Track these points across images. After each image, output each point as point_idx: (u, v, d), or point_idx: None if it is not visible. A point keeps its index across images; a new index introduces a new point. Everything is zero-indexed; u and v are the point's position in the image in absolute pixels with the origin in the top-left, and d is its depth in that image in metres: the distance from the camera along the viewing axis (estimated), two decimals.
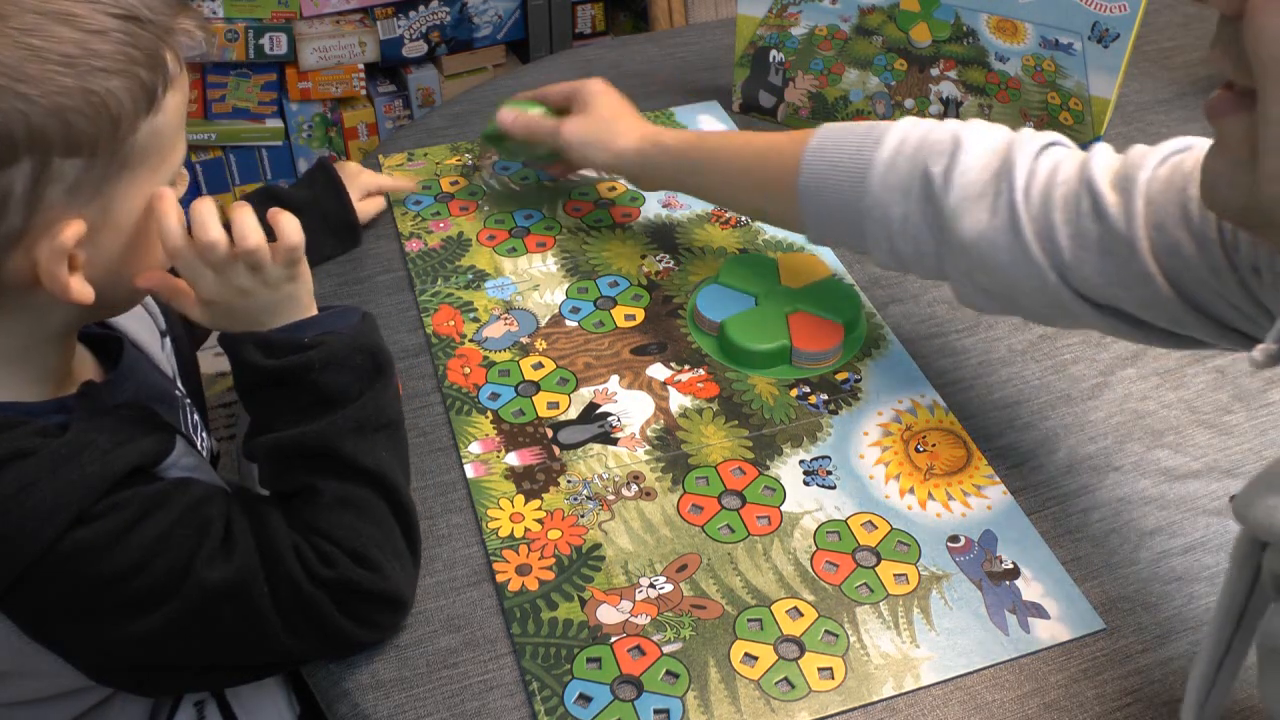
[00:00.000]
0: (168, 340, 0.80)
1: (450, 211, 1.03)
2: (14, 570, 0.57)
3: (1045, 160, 0.72)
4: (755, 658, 0.68)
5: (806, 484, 0.79)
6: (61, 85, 0.53)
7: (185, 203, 0.63)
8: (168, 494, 0.62)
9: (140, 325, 0.77)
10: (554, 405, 0.84)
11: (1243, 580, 0.54)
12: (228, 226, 0.63)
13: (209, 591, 0.60)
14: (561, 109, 0.98)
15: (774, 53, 1.13)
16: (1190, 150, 0.68)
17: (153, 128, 0.58)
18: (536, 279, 0.96)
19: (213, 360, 0.91)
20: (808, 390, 0.86)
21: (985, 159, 0.73)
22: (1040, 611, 0.71)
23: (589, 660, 0.68)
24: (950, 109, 1.09)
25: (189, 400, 0.79)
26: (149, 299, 0.77)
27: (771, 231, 1.01)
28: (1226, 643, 0.55)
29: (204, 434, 0.81)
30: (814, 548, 0.75)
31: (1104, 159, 0.70)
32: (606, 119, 0.94)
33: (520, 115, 0.98)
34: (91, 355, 0.72)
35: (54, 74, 0.53)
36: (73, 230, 0.56)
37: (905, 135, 0.77)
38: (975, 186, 0.73)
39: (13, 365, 0.63)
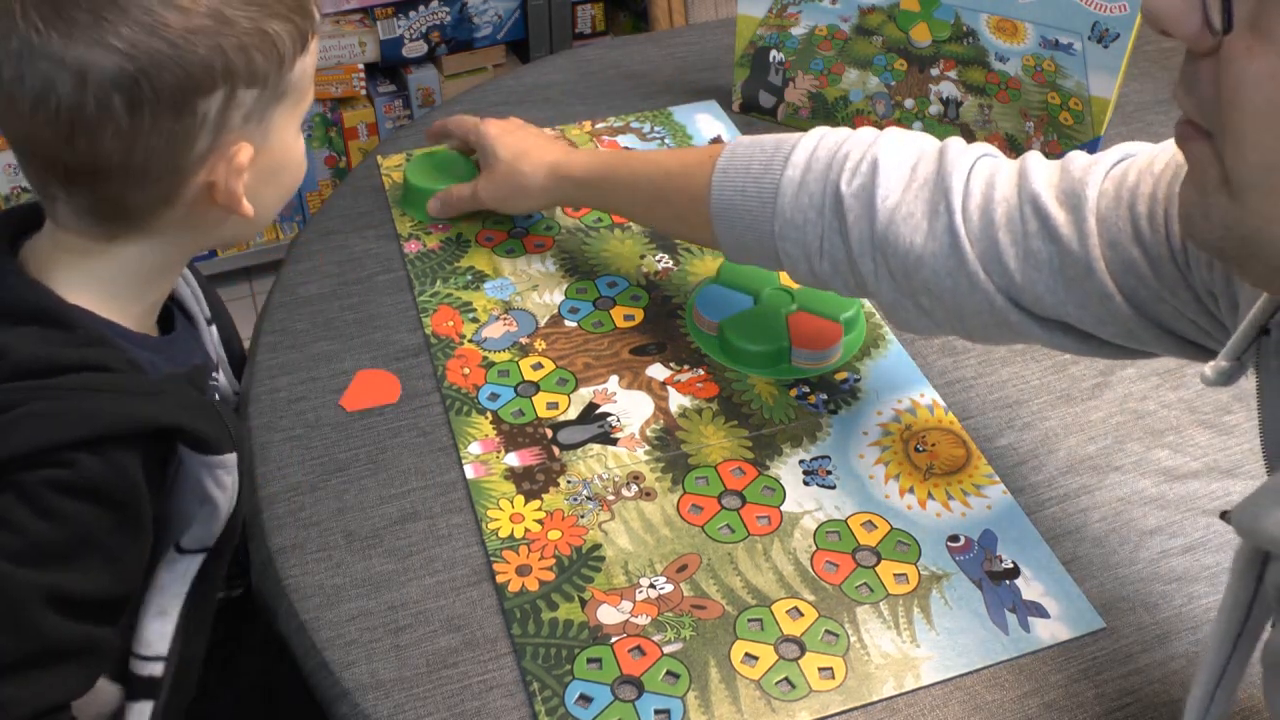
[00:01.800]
0: (213, 328, 0.82)
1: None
2: (10, 449, 0.58)
3: (978, 176, 0.68)
4: (756, 658, 0.68)
5: (806, 484, 0.79)
6: (246, 28, 0.62)
7: None
8: (129, 519, 0.63)
9: (191, 300, 0.79)
10: (553, 405, 0.84)
11: (1243, 594, 0.53)
12: None
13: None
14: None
15: (774, 53, 1.13)
16: (1130, 160, 0.65)
17: (302, 66, 0.67)
18: (535, 279, 0.96)
19: None
20: (807, 390, 0.86)
21: (906, 177, 0.70)
22: (1040, 611, 0.71)
23: (589, 660, 0.68)
24: (950, 109, 1.09)
25: (223, 383, 0.82)
26: (194, 281, 0.80)
27: None
28: (1227, 656, 0.55)
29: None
30: (814, 547, 0.75)
31: (1041, 171, 0.67)
32: (510, 165, 0.93)
33: (443, 201, 0.99)
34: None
35: (241, 18, 0.62)
36: (246, 152, 0.65)
37: (813, 152, 0.74)
38: (903, 209, 0.69)
39: (137, 287, 0.69)
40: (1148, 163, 0.64)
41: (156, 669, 0.70)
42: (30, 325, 0.62)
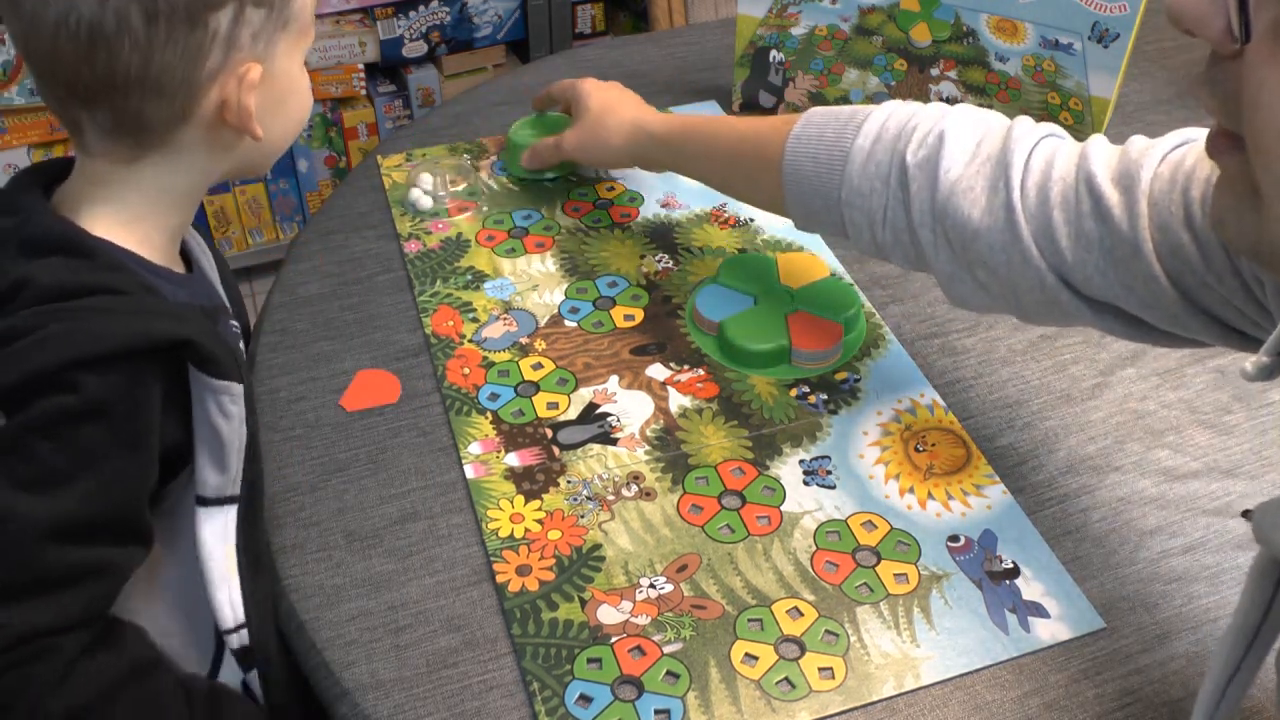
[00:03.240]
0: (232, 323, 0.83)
1: (449, 212, 1.03)
2: (19, 372, 0.60)
3: (1039, 155, 0.69)
4: (756, 658, 0.68)
5: (806, 484, 0.79)
6: None
7: None
8: (145, 448, 0.64)
9: (203, 255, 0.80)
10: (554, 405, 0.84)
11: (1260, 598, 0.52)
12: None
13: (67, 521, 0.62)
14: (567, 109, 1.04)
15: (774, 53, 1.13)
16: (1190, 145, 0.66)
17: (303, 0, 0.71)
18: (535, 279, 0.96)
19: None
20: (807, 390, 0.86)
21: (970, 151, 0.71)
22: (1040, 611, 0.71)
23: (589, 660, 0.68)
24: None
25: (239, 328, 0.83)
26: (202, 241, 0.81)
27: (771, 231, 1.01)
28: (1240, 657, 0.54)
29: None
30: (814, 547, 0.75)
31: (1101, 153, 0.68)
32: (597, 117, 0.97)
33: (533, 152, 1.03)
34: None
35: None
36: (256, 70, 0.68)
37: (885, 122, 0.75)
38: (964, 182, 0.71)
39: (159, 214, 0.71)
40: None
41: (244, 637, 0.71)
42: (54, 255, 0.65)
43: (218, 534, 0.70)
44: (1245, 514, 0.52)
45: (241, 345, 0.82)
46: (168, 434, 0.66)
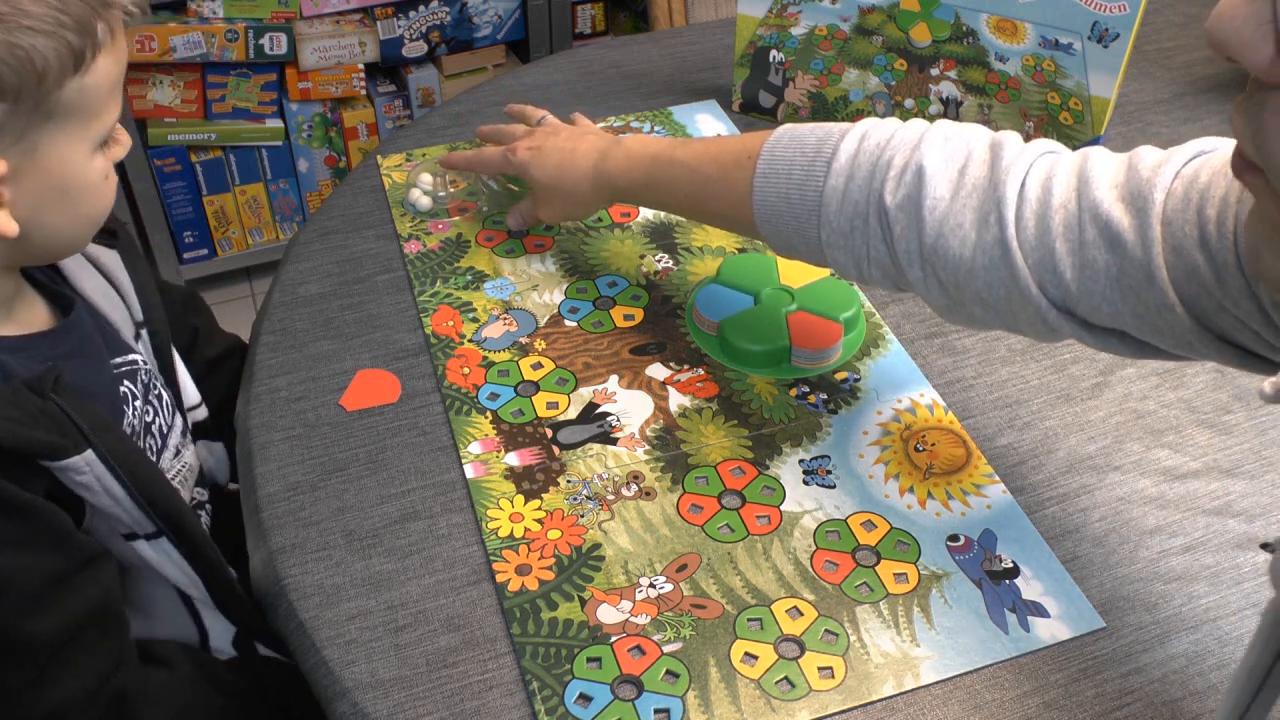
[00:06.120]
0: (144, 332, 0.81)
1: (449, 212, 1.03)
2: None
3: (1034, 182, 0.65)
4: (755, 657, 0.68)
5: (806, 483, 0.79)
6: None
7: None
8: (48, 520, 0.64)
9: (108, 304, 0.78)
10: (553, 405, 0.84)
11: (1272, 643, 0.51)
12: None
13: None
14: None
15: (774, 52, 1.13)
16: (1205, 157, 0.61)
17: (80, 86, 0.62)
18: (535, 279, 0.96)
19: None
20: (807, 390, 0.86)
21: (954, 181, 0.67)
22: (1040, 610, 0.71)
23: (589, 660, 0.68)
24: (950, 109, 1.09)
25: (160, 380, 0.81)
26: (129, 288, 0.79)
27: None
28: (1246, 704, 0.53)
29: (168, 406, 0.82)
30: (814, 547, 0.75)
31: (1104, 173, 0.63)
32: (551, 186, 0.92)
33: (519, 215, 0.99)
34: (47, 305, 0.75)
35: None
36: None
37: (855, 158, 0.71)
38: (951, 219, 0.67)
39: None
40: (1222, 163, 0.59)
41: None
42: None
43: (164, 560, 0.71)
44: (1265, 546, 0.50)
45: (131, 386, 0.78)
46: (36, 488, 0.63)
